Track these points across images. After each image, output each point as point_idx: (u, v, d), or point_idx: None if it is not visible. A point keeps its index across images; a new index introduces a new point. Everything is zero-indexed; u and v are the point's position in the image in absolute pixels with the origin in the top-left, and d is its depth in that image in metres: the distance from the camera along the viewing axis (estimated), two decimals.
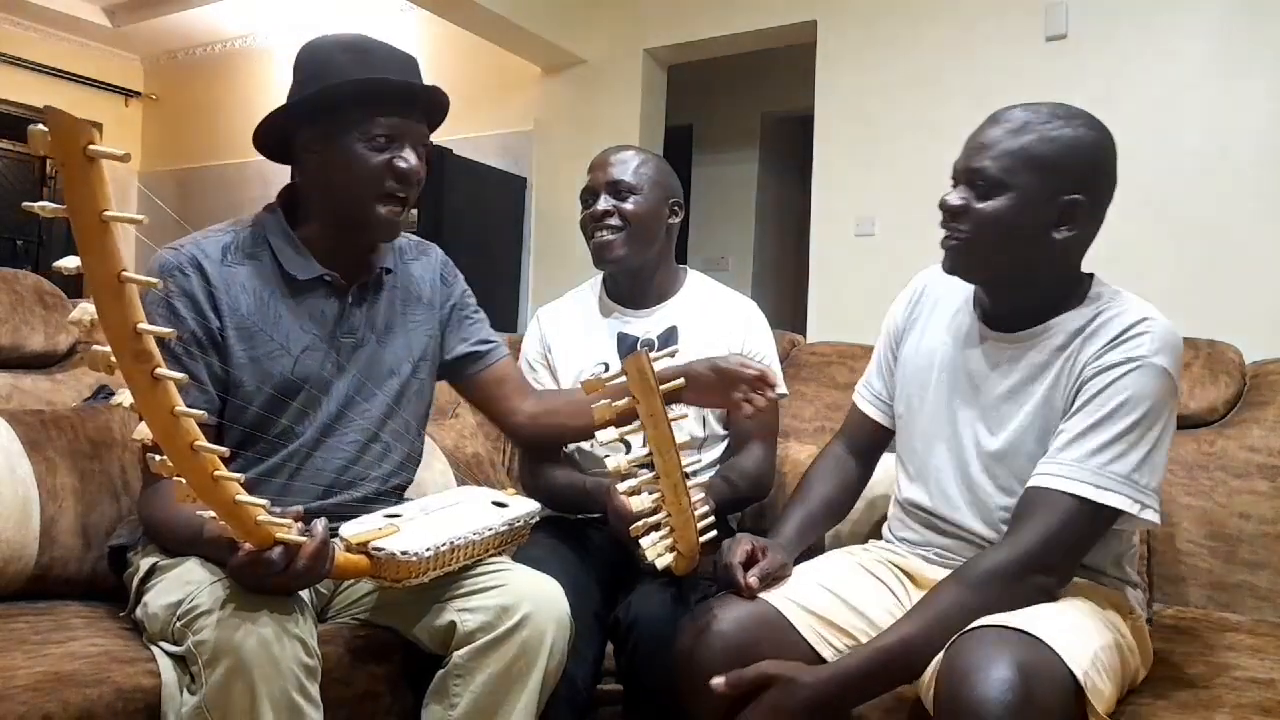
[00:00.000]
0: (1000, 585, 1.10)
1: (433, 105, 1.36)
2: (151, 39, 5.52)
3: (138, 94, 5.87)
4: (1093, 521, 1.12)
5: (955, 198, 1.20)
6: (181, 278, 1.26)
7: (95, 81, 5.63)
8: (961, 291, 1.35)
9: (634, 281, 1.72)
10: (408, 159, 1.30)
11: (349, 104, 1.28)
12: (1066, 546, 1.13)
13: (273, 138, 1.35)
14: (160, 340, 0.87)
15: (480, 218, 4.24)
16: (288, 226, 1.35)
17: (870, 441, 1.46)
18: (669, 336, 1.69)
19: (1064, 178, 1.15)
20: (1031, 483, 1.16)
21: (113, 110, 5.76)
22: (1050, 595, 1.13)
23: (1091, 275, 1.26)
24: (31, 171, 5.31)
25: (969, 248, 1.20)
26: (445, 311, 1.52)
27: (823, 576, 1.29)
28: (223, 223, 1.37)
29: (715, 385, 1.38)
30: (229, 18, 4.92)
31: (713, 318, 1.72)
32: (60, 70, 5.42)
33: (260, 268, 1.33)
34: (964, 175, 1.20)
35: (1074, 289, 1.23)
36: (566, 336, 1.76)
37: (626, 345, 1.69)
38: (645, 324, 1.72)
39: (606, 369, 1.66)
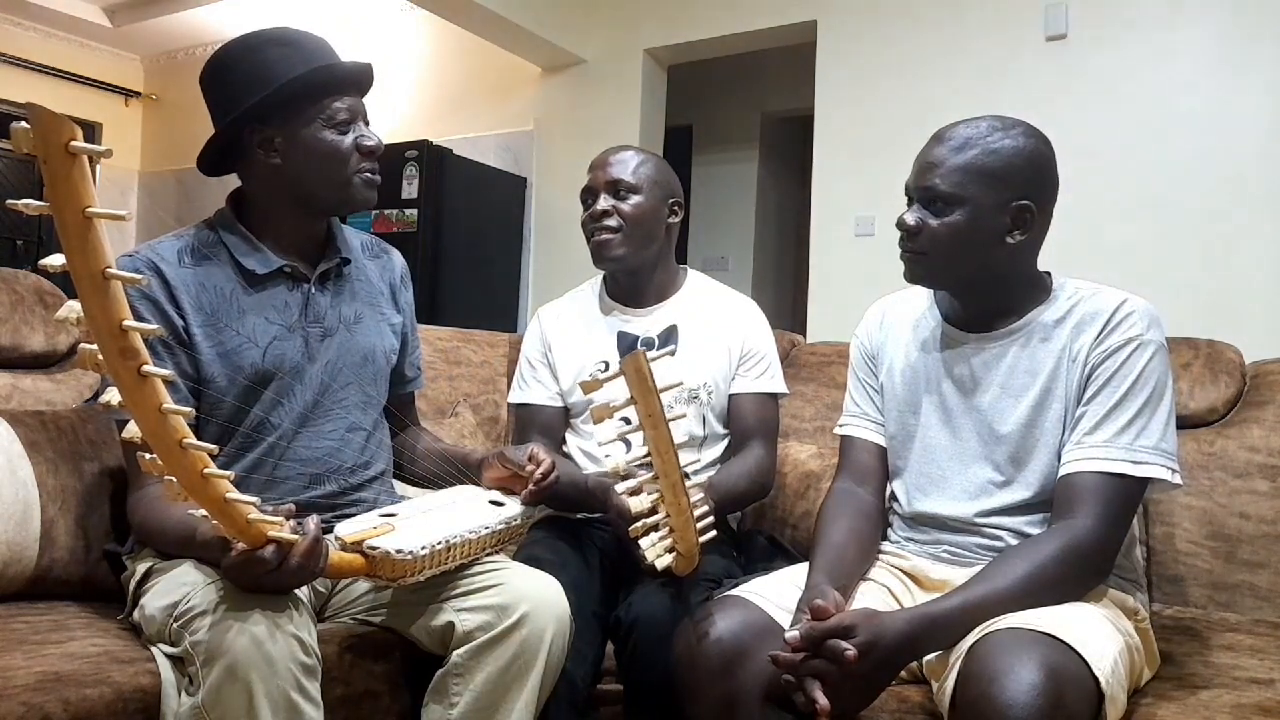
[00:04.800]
0: (1077, 563, 1.13)
1: (367, 82, 1.41)
2: (151, 39, 5.52)
3: (138, 94, 5.86)
4: (1137, 496, 1.19)
5: (911, 217, 1.25)
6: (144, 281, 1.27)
7: (95, 81, 5.63)
8: (914, 305, 1.41)
9: (634, 281, 1.73)
10: (370, 135, 1.37)
11: (309, 94, 1.31)
12: (1120, 524, 1.18)
13: (212, 151, 1.37)
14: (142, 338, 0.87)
15: (480, 218, 4.24)
16: (240, 225, 1.37)
17: (879, 465, 1.40)
18: (669, 335, 1.69)
19: (1011, 186, 1.21)
20: (1069, 469, 1.20)
21: (113, 110, 5.77)
22: (1104, 576, 1.19)
23: (1048, 272, 1.31)
24: (32, 171, 5.30)
25: (928, 260, 1.25)
26: (405, 319, 1.55)
27: None
28: (174, 230, 1.40)
29: (511, 477, 1.38)
30: (229, 18, 4.92)
31: (712, 317, 1.72)
32: (60, 70, 5.42)
33: (218, 266, 1.35)
34: (917, 194, 1.26)
35: (1037, 286, 1.29)
36: (567, 335, 1.76)
37: (626, 344, 1.69)
38: (645, 323, 1.72)
39: (607, 368, 1.66)
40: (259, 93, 1.29)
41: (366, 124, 1.38)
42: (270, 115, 1.31)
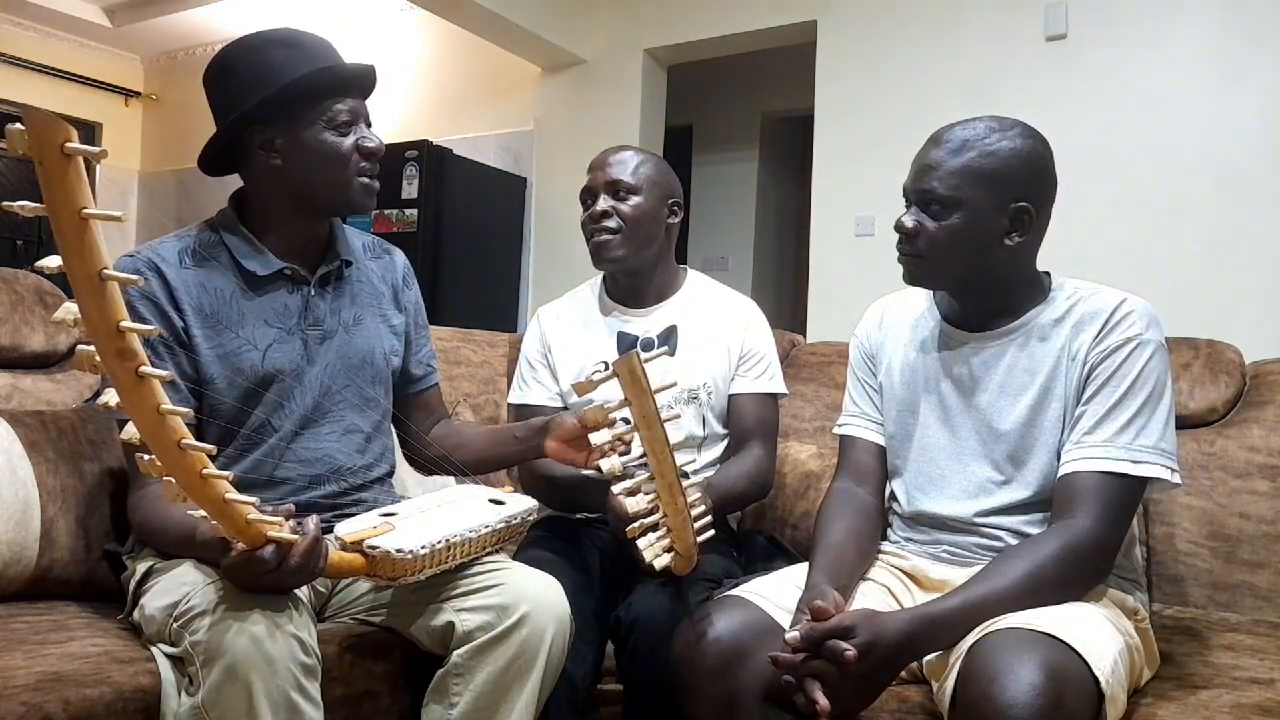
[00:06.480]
0: (1077, 563, 1.13)
1: (370, 84, 1.41)
2: (151, 39, 5.52)
3: (138, 94, 5.87)
4: (1137, 495, 1.19)
5: (909, 219, 1.25)
6: (140, 282, 1.28)
7: (95, 81, 5.63)
8: (913, 305, 1.41)
9: (633, 281, 1.72)
10: (371, 137, 1.37)
11: (311, 96, 1.31)
12: (1120, 523, 1.18)
13: (213, 150, 1.37)
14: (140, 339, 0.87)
15: (480, 218, 4.24)
16: (242, 226, 1.37)
17: (878, 465, 1.40)
18: (668, 336, 1.69)
19: (1008, 188, 1.21)
20: (1069, 469, 1.19)
21: (113, 110, 5.76)
22: (1104, 575, 1.19)
23: (1047, 272, 1.31)
24: (31, 170, 5.30)
25: (926, 263, 1.25)
26: (408, 319, 1.54)
27: None
28: (175, 230, 1.40)
29: (580, 436, 1.34)
30: (229, 18, 4.92)
31: (712, 317, 1.72)
32: (60, 70, 5.42)
33: (218, 268, 1.35)
34: (915, 196, 1.26)
35: (1035, 286, 1.29)
36: (567, 336, 1.76)
37: (626, 344, 1.69)
38: (645, 323, 1.72)
39: (606, 368, 1.66)
40: (261, 93, 1.29)
41: (369, 126, 1.38)
42: (272, 116, 1.31)
